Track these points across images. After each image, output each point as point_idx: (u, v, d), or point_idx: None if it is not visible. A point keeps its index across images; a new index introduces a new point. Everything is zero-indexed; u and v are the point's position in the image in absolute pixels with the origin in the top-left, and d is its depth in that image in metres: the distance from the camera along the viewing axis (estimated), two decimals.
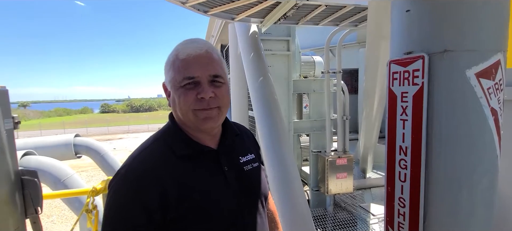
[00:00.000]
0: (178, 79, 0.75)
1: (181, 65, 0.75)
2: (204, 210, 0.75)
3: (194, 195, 0.74)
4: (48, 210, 8.22)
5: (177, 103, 0.77)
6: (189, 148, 0.79)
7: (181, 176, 0.75)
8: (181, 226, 0.73)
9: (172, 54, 0.79)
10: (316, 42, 6.98)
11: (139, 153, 0.78)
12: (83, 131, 24.52)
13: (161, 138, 0.81)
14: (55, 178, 3.64)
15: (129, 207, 0.71)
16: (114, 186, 0.74)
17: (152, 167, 0.74)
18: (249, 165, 0.89)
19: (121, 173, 0.75)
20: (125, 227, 0.70)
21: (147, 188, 0.71)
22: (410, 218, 0.88)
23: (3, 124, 1.35)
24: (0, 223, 1.28)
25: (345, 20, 3.14)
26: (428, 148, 0.80)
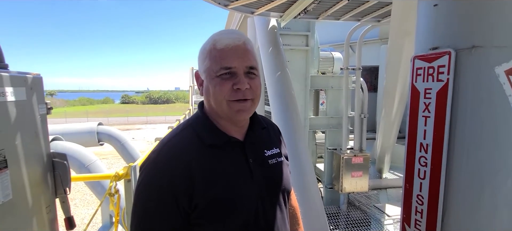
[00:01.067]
0: (215, 69, 0.76)
1: (218, 55, 0.75)
2: (227, 199, 0.76)
3: (219, 184, 0.75)
4: (71, 194, 8.66)
5: (212, 93, 0.77)
6: (217, 137, 0.80)
7: (208, 164, 0.76)
8: (205, 213, 0.74)
9: (208, 43, 0.79)
10: (336, 38, 6.84)
11: (169, 139, 0.81)
12: (104, 120, 25.55)
13: (190, 126, 0.83)
14: (80, 163, 3.84)
15: (159, 188, 0.74)
16: (145, 168, 0.77)
17: (181, 153, 0.76)
18: (273, 159, 0.89)
19: (152, 157, 0.78)
20: (153, 205, 0.74)
21: (175, 172, 0.73)
22: (427, 216, 0.87)
23: (38, 109, 1.45)
24: (34, 200, 1.38)
25: (367, 16, 3.06)
26: (450, 146, 0.79)
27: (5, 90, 1.24)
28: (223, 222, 0.75)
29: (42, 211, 1.45)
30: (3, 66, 1.34)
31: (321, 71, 4.52)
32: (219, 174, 0.77)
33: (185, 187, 0.73)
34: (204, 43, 0.81)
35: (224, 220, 0.75)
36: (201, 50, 0.81)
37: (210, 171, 0.76)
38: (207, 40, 0.80)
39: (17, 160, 1.29)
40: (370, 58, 6.22)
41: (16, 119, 1.29)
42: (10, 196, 1.24)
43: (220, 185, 0.76)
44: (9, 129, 1.25)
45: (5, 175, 1.22)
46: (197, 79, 0.84)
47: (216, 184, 0.75)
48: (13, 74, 1.30)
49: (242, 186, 0.79)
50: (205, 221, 0.75)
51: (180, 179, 0.73)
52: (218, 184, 0.75)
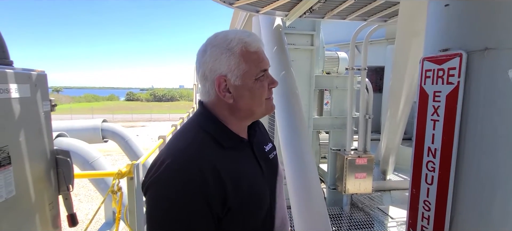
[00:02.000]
0: (255, 72, 0.76)
1: (255, 57, 0.76)
2: (253, 197, 0.77)
3: (244, 184, 0.75)
4: (75, 190, 8.78)
5: (255, 96, 0.78)
6: (233, 139, 0.80)
7: (231, 166, 0.75)
8: (236, 214, 0.73)
9: (235, 43, 0.75)
10: (341, 38, 6.78)
11: (185, 142, 0.75)
12: (109, 117, 25.77)
13: (203, 130, 0.78)
14: (84, 160, 3.87)
15: (190, 203, 0.67)
16: (167, 179, 0.69)
17: (204, 159, 0.71)
18: (271, 153, 0.92)
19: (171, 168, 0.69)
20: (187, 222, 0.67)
21: (205, 178, 0.68)
22: (435, 223, 0.85)
23: (42, 106, 1.45)
24: (37, 196, 1.38)
25: (374, 15, 3.02)
26: (460, 151, 0.76)
27: (10, 87, 1.24)
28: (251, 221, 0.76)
29: (45, 208, 1.46)
30: (8, 63, 1.34)
31: (326, 71, 4.49)
32: (242, 174, 0.76)
33: (218, 192, 0.69)
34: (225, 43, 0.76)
35: (251, 219, 0.76)
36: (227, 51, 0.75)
37: (234, 173, 0.74)
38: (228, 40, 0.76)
39: (20, 156, 1.29)
40: (375, 58, 6.16)
41: (20, 115, 1.29)
42: (14, 193, 1.24)
43: (245, 185, 0.75)
44: (13, 126, 1.25)
45: (8, 171, 1.22)
46: (219, 84, 0.76)
47: (242, 185, 0.75)
48: (18, 71, 1.30)
49: (259, 183, 0.81)
50: (236, 222, 0.73)
51: (212, 186, 0.69)
52: (243, 184, 0.75)
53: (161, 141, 3.19)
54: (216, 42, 0.77)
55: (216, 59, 0.75)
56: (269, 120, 4.22)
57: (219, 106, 0.80)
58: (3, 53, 1.35)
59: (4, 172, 1.20)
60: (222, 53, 0.75)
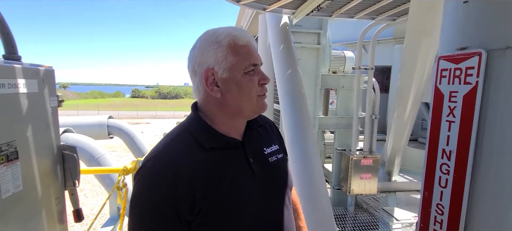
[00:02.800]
0: (243, 66, 0.74)
1: (244, 51, 0.74)
2: (230, 201, 0.73)
3: (221, 187, 0.72)
4: (81, 185, 8.89)
5: (245, 90, 0.75)
6: (216, 140, 0.77)
7: (208, 168, 0.73)
8: (208, 217, 0.71)
9: (223, 37, 0.74)
10: (348, 37, 6.72)
11: (165, 144, 0.76)
12: (115, 113, 26.00)
13: (186, 130, 0.78)
14: (90, 156, 3.89)
15: (157, 201, 0.69)
16: (140, 179, 0.72)
17: (178, 159, 0.71)
18: (273, 156, 0.87)
19: (146, 166, 0.72)
20: (151, 221, 0.69)
21: (173, 180, 0.69)
22: (448, 227, 0.82)
23: (49, 102, 1.45)
24: (43, 191, 1.39)
25: (382, 14, 2.97)
26: (477, 154, 0.73)
27: (18, 82, 1.25)
28: (228, 224, 0.72)
29: (51, 203, 1.46)
30: (16, 58, 1.34)
31: (332, 70, 4.44)
32: (220, 176, 0.73)
33: (185, 194, 0.69)
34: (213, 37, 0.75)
35: (228, 222, 0.73)
36: (214, 44, 0.74)
37: (211, 174, 0.72)
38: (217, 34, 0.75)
39: (27, 151, 1.29)
40: (382, 58, 6.09)
41: (27, 110, 1.29)
42: (21, 187, 1.25)
43: (222, 187, 0.72)
44: (20, 121, 1.26)
45: (16, 166, 1.22)
46: (207, 77, 0.75)
47: (218, 187, 0.72)
48: (26, 66, 1.30)
49: (245, 186, 0.77)
50: (209, 225, 0.72)
51: (180, 186, 0.69)
52: (220, 186, 0.72)
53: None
54: (205, 37, 0.76)
55: (203, 52, 0.75)
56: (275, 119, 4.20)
57: (208, 102, 0.79)
58: (11, 49, 1.35)
59: (12, 167, 1.20)
60: (210, 45, 0.74)
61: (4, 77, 1.17)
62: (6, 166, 1.18)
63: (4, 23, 1.34)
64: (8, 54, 1.33)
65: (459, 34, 0.77)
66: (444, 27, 0.81)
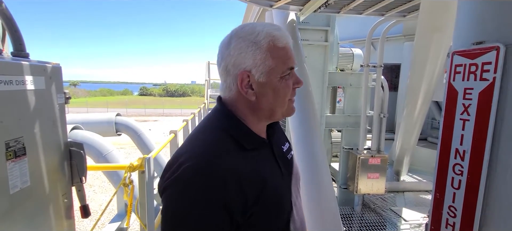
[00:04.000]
0: (281, 70, 0.70)
1: (283, 54, 0.70)
2: (275, 200, 0.73)
3: (267, 188, 0.71)
4: (90, 181, 9.06)
5: (279, 95, 0.73)
6: (254, 141, 0.75)
7: (253, 170, 0.71)
8: (258, 220, 0.69)
9: (262, 37, 0.69)
10: (356, 34, 6.62)
11: (204, 144, 0.71)
12: (123, 111, 26.36)
13: (223, 130, 0.74)
14: (98, 152, 3.95)
15: (209, 211, 0.64)
16: (182, 186, 0.65)
17: (227, 160, 0.67)
18: (289, 153, 0.88)
19: (187, 169, 0.65)
20: (204, 225, 0.64)
21: (227, 185, 0.65)
22: (461, 230, 0.79)
23: (57, 98, 1.46)
24: (51, 187, 1.40)
25: (392, 10, 2.90)
26: (493, 154, 0.69)
27: (25, 78, 1.26)
28: (272, 223, 0.72)
29: (59, 198, 1.48)
30: (24, 55, 1.35)
31: (339, 68, 4.38)
32: (264, 178, 0.72)
33: (239, 199, 0.66)
34: (251, 37, 0.70)
35: (274, 222, 0.72)
36: (253, 46, 0.69)
37: (256, 177, 0.70)
38: (255, 33, 0.70)
39: (35, 147, 1.31)
40: (392, 55, 5.98)
41: (35, 107, 1.30)
42: (28, 183, 1.26)
43: (268, 188, 0.71)
44: (28, 117, 1.27)
45: (23, 162, 1.24)
46: (242, 79, 0.71)
47: (265, 189, 0.70)
48: (33, 63, 1.31)
49: (279, 185, 0.77)
50: (257, 226, 0.69)
51: (233, 192, 0.65)
52: (266, 188, 0.71)
53: (172, 136, 3.21)
54: (242, 34, 0.71)
55: (240, 52, 0.70)
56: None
57: (239, 103, 0.75)
58: (19, 46, 1.37)
59: (20, 163, 1.22)
60: (248, 46, 0.69)
61: (12, 74, 1.18)
62: (14, 162, 1.19)
63: (12, 21, 1.36)
64: (16, 51, 1.34)
65: (475, 28, 0.73)
66: (459, 20, 0.77)
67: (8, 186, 1.16)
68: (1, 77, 1.13)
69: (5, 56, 1.25)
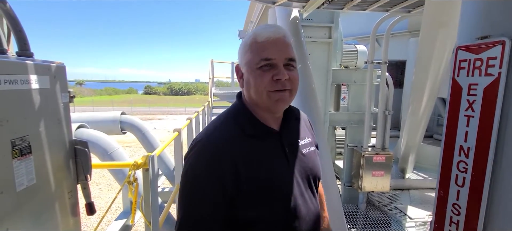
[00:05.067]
0: (255, 61, 0.79)
1: (259, 47, 0.79)
2: (268, 187, 0.80)
3: (261, 172, 0.80)
4: (97, 179, 9.17)
5: (253, 84, 0.81)
6: (257, 128, 0.84)
7: (250, 153, 0.80)
8: (249, 197, 0.78)
9: (249, 37, 0.83)
10: (360, 30, 6.56)
11: (213, 130, 0.84)
12: (128, 109, 26.57)
13: (232, 118, 0.87)
14: (103, 150, 3.98)
15: (207, 177, 0.78)
16: (192, 158, 0.81)
17: (227, 143, 0.80)
18: (306, 148, 0.93)
19: (198, 147, 0.81)
20: (202, 193, 0.78)
21: (223, 163, 0.77)
22: (465, 229, 0.77)
23: (61, 97, 1.48)
24: (56, 185, 1.42)
25: (396, 6, 2.86)
26: (498, 151, 0.68)
27: (30, 78, 1.27)
28: (265, 206, 0.80)
29: (64, 196, 1.50)
30: (29, 55, 1.37)
31: (343, 65, 4.35)
32: (260, 162, 0.81)
33: (231, 174, 0.77)
34: (245, 38, 0.85)
35: (265, 204, 0.80)
36: (242, 45, 0.85)
37: (252, 159, 0.80)
38: (248, 35, 0.84)
39: (40, 146, 1.32)
40: (397, 52, 5.91)
41: (39, 106, 1.32)
42: (34, 181, 1.28)
43: (261, 171, 0.80)
44: (33, 116, 1.28)
45: (29, 160, 1.25)
46: (237, 72, 0.88)
47: (258, 171, 0.80)
48: (37, 62, 1.32)
49: (281, 174, 0.84)
50: (249, 205, 0.79)
51: (227, 168, 0.77)
52: (260, 171, 0.80)
53: (176, 134, 3.22)
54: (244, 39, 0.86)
55: (239, 51, 0.86)
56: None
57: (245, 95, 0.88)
58: (24, 46, 1.38)
59: (25, 161, 1.23)
60: (242, 46, 0.85)
61: (17, 74, 1.20)
62: (20, 160, 1.21)
63: (17, 21, 1.37)
64: (21, 51, 1.36)
65: (480, 22, 0.71)
66: (464, 14, 0.75)
67: (15, 184, 1.18)
68: (6, 76, 1.15)
69: (10, 56, 1.26)
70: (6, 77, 1.14)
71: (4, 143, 1.13)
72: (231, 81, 13.81)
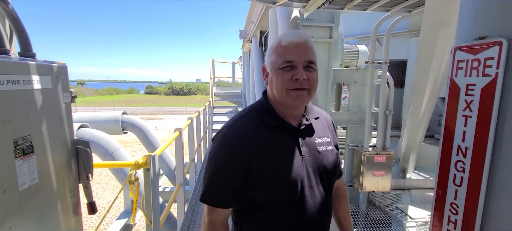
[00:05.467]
0: (278, 62, 0.90)
1: (282, 50, 0.89)
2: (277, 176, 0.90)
3: (272, 161, 0.90)
4: (98, 178, 9.20)
5: (274, 83, 0.91)
6: (275, 121, 0.95)
7: (265, 143, 0.91)
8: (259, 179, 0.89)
9: (275, 41, 0.93)
10: (361, 30, 6.55)
11: (237, 119, 0.98)
12: (129, 109, 26.62)
13: (255, 110, 0.99)
14: (105, 150, 4.00)
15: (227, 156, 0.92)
16: (217, 140, 0.96)
17: (244, 131, 0.93)
18: (323, 146, 1.01)
19: (223, 131, 0.96)
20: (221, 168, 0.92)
21: (239, 148, 0.90)
22: (462, 228, 0.78)
23: (63, 97, 1.49)
24: (58, 184, 1.43)
25: (397, 5, 2.86)
26: (495, 151, 0.68)
27: (32, 78, 1.28)
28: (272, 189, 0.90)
29: (66, 195, 1.51)
30: (31, 55, 1.38)
31: (344, 65, 4.34)
32: (273, 150, 0.91)
33: (245, 158, 0.89)
34: (273, 43, 0.95)
35: (273, 187, 0.90)
36: (269, 48, 0.96)
37: (266, 147, 0.91)
38: (275, 39, 0.94)
39: (43, 146, 1.33)
40: (398, 52, 5.90)
41: (42, 106, 1.33)
42: (37, 180, 1.29)
43: (272, 160, 0.90)
44: (35, 116, 1.30)
45: (32, 160, 1.27)
46: (263, 72, 0.99)
47: (269, 159, 0.90)
48: (40, 63, 1.34)
49: (291, 163, 0.92)
50: (257, 188, 0.90)
51: (242, 152, 0.90)
52: (271, 159, 0.90)
53: (177, 133, 3.23)
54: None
55: (266, 53, 0.99)
56: None
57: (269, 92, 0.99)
58: (26, 46, 1.39)
59: (28, 160, 1.25)
60: (269, 49, 0.96)
61: (19, 74, 1.21)
62: (23, 159, 1.22)
63: (19, 21, 1.39)
64: (23, 52, 1.37)
65: (477, 23, 0.72)
66: (462, 15, 0.76)
67: (17, 183, 1.19)
68: (8, 77, 1.16)
69: (12, 57, 1.28)
70: (8, 77, 1.16)
71: (7, 143, 1.14)
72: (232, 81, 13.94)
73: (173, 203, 3.07)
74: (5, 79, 1.14)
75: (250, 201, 0.93)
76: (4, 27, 1.47)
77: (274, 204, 0.92)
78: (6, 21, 1.47)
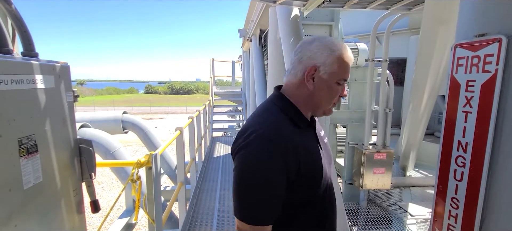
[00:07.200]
0: (339, 76, 0.90)
1: (345, 67, 0.90)
2: (317, 171, 0.91)
3: (312, 158, 0.91)
4: (99, 178, 9.21)
5: (327, 92, 0.91)
6: (304, 121, 0.95)
7: (304, 143, 0.90)
8: (304, 181, 0.87)
9: (337, 48, 0.89)
10: (361, 28, 6.56)
11: (268, 121, 0.89)
12: (129, 109, 26.59)
13: (282, 111, 0.93)
14: (106, 149, 4.01)
15: (272, 166, 0.82)
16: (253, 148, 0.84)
17: (287, 134, 0.86)
18: (325, 138, 1.07)
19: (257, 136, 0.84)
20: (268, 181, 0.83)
21: (287, 152, 0.83)
22: (463, 222, 0.79)
23: (66, 97, 1.50)
24: (62, 183, 1.44)
25: (397, 3, 2.86)
26: (495, 146, 0.70)
27: (35, 78, 1.29)
28: (314, 189, 0.91)
29: (70, 194, 1.52)
30: (34, 55, 1.39)
31: None
32: (311, 151, 0.92)
33: (295, 162, 0.84)
34: (330, 44, 0.90)
35: (315, 187, 0.90)
36: (329, 50, 0.89)
37: (306, 148, 0.90)
38: (333, 43, 0.90)
39: (46, 145, 1.34)
40: (397, 50, 5.91)
41: (45, 105, 1.34)
42: (41, 179, 1.30)
43: (312, 159, 0.91)
44: (39, 115, 1.31)
45: (35, 158, 1.28)
46: (309, 71, 0.90)
47: (311, 159, 0.90)
48: (43, 62, 1.34)
49: (320, 160, 0.94)
50: (304, 188, 0.88)
51: (292, 156, 0.84)
52: (312, 159, 0.90)
53: (178, 133, 3.24)
54: (324, 41, 0.91)
55: (318, 50, 0.89)
56: None
57: (298, 90, 0.93)
58: (29, 46, 1.40)
59: (32, 159, 1.26)
60: (325, 49, 0.89)
61: (22, 74, 1.22)
62: (27, 158, 1.23)
63: (22, 21, 1.39)
64: (26, 51, 1.38)
65: (477, 20, 0.73)
66: (462, 12, 0.77)
67: (22, 182, 1.20)
68: (12, 76, 1.17)
69: (15, 56, 1.28)
70: (12, 77, 1.16)
71: (11, 142, 1.15)
72: (232, 80, 13.93)
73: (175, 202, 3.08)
74: (9, 79, 1.15)
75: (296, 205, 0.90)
76: (7, 27, 1.48)
77: (315, 202, 0.93)
78: (8, 21, 1.47)
